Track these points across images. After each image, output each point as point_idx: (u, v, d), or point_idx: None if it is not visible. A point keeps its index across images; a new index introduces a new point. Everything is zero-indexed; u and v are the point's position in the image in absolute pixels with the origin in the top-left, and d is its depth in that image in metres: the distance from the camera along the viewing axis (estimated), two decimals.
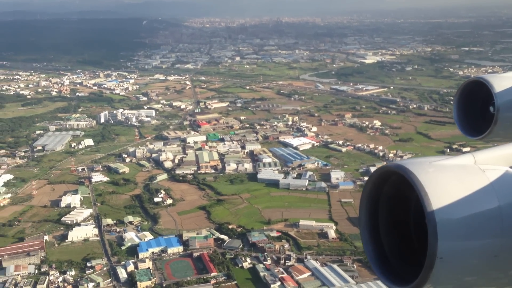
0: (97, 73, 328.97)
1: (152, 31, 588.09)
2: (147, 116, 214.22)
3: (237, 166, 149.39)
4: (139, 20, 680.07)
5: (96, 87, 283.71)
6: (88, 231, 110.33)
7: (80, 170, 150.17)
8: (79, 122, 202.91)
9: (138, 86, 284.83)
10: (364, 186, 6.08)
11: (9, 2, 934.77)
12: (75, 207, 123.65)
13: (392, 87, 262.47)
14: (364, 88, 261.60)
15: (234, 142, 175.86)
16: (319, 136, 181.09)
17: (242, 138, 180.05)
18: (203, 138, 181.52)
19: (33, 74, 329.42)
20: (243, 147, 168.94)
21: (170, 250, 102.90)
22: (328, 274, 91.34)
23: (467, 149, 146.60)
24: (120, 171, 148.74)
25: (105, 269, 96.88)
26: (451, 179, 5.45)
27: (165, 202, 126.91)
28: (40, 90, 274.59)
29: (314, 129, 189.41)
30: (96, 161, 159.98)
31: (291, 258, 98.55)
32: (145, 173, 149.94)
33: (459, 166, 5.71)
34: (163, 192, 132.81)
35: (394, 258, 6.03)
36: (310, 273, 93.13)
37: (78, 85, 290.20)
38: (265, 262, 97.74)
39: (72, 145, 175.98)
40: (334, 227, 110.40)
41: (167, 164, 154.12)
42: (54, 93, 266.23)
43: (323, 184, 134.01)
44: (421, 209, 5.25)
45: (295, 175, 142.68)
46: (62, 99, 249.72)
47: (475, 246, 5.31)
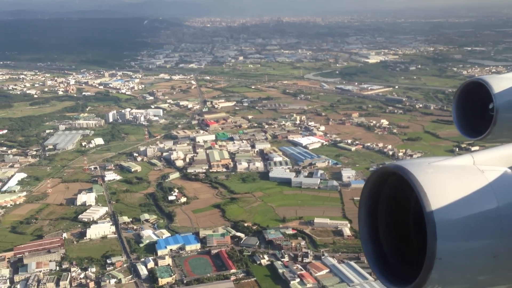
0: (101, 72, 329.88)
1: (153, 31, 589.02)
2: (155, 115, 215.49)
3: (248, 165, 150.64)
4: (140, 19, 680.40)
5: (102, 87, 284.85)
6: (105, 229, 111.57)
7: (92, 169, 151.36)
8: (88, 121, 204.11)
9: (143, 86, 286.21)
10: (363, 186, 6.12)
11: (8, 2, 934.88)
12: (91, 205, 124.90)
13: (397, 87, 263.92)
14: (369, 87, 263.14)
15: (243, 141, 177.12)
16: (328, 135, 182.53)
17: (251, 137, 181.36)
18: (212, 137, 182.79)
19: (38, 73, 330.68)
20: (253, 146, 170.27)
21: (188, 248, 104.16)
22: (346, 271, 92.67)
23: (476, 148, 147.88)
24: (132, 170, 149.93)
25: (125, 266, 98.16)
26: (450, 180, 5.50)
27: (179, 200, 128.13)
28: (46, 89, 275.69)
29: (322, 128, 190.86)
30: (107, 160, 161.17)
31: (308, 255, 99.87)
32: (157, 171, 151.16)
33: (458, 166, 5.75)
34: (177, 190, 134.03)
35: (393, 258, 6.05)
36: (328, 270, 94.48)
37: (83, 84, 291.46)
38: (282, 259, 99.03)
39: (82, 144, 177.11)
40: (348, 225, 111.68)
41: (179, 163, 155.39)
42: (61, 92, 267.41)
43: (335, 182, 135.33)
44: (420, 209, 5.26)
45: (306, 174, 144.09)
46: (69, 99, 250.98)
47: (474, 246, 5.34)
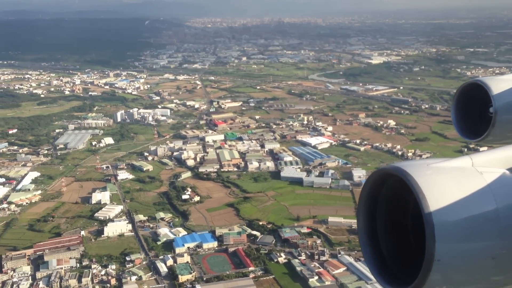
0: (106, 72, 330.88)
1: (155, 31, 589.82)
2: (163, 115, 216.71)
3: (259, 165, 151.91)
4: (141, 20, 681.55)
5: (107, 87, 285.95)
6: (122, 227, 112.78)
7: (104, 168, 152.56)
8: (97, 121, 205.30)
9: (149, 86, 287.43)
10: (362, 188, 6.14)
11: (8, 2, 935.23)
12: (106, 204, 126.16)
13: (401, 88, 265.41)
14: (374, 88, 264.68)
15: (252, 141, 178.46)
16: (336, 135, 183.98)
17: (260, 137, 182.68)
18: (221, 137, 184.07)
19: (42, 73, 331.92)
20: (262, 146, 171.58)
21: (205, 245, 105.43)
22: (363, 269, 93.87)
23: (484, 149, 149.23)
24: (144, 169, 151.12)
25: (144, 263, 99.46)
26: (449, 181, 5.51)
27: (192, 199, 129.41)
28: (52, 89, 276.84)
29: (330, 128, 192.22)
30: (118, 159, 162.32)
31: (325, 253, 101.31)
32: (168, 171, 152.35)
33: (457, 168, 5.76)
34: (190, 189, 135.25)
35: (392, 260, 6.05)
36: (345, 268, 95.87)
37: (89, 84, 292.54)
38: (299, 258, 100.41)
39: (92, 143, 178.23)
40: None
41: (190, 162, 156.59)
42: (67, 92, 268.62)
43: (346, 182, 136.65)
44: (419, 211, 5.28)
45: (317, 174, 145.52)
46: (76, 98, 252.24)
47: (473, 248, 5.35)
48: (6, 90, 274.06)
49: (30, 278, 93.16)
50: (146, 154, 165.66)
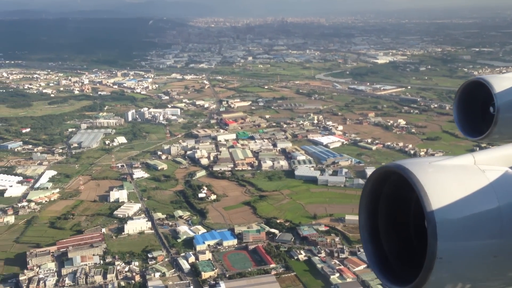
0: (113, 72, 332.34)
1: (159, 31, 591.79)
2: (173, 114, 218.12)
3: (273, 163, 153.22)
4: (144, 19, 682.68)
5: (116, 86, 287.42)
6: (142, 225, 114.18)
7: (119, 167, 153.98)
8: (108, 120, 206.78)
9: (157, 85, 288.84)
10: (363, 186, 6.14)
11: (10, 2, 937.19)
12: (124, 202, 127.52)
13: (409, 87, 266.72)
14: (382, 87, 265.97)
15: (264, 140, 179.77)
16: (347, 134, 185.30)
17: (272, 136, 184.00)
18: (233, 136, 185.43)
19: (50, 73, 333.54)
20: (275, 145, 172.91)
21: (225, 243, 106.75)
22: None
23: None
24: (159, 168, 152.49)
25: (166, 260, 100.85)
26: (451, 179, 5.50)
27: (209, 198, 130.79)
28: (61, 89, 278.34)
29: (340, 127, 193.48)
30: (133, 158, 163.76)
31: (344, 251, 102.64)
32: (182, 169, 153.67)
33: (459, 166, 5.76)
34: (205, 188, 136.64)
35: (394, 258, 6.02)
36: (366, 265, 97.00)
37: (97, 84, 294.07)
38: (319, 255, 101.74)
39: (105, 142, 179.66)
40: None
41: (204, 161, 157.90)
42: (76, 92, 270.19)
43: (361, 180, 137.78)
44: (420, 209, 5.28)
45: (331, 172, 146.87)
46: (86, 98, 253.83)
47: (475, 246, 5.34)
48: (16, 89, 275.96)
49: (55, 274, 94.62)
50: (159, 153, 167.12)
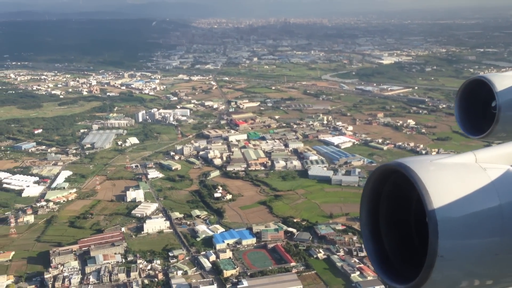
0: (120, 73, 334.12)
1: (163, 32, 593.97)
2: (183, 115, 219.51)
3: (285, 163, 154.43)
4: (147, 20, 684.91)
5: (124, 87, 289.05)
6: (161, 224, 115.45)
7: (134, 167, 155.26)
8: (119, 121, 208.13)
9: (165, 86, 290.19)
10: (365, 184, 6.15)
11: (12, 3, 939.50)
12: (140, 202, 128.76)
13: (416, 87, 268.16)
14: (389, 88, 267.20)
15: (276, 140, 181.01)
16: (357, 134, 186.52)
17: (283, 137, 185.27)
18: (244, 136, 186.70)
19: (58, 74, 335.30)
20: (286, 145, 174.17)
21: (244, 242, 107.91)
22: None
23: None
24: (173, 168, 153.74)
25: (187, 258, 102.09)
26: (452, 178, 5.49)
27: (225, 197, 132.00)
28: (70, 90, 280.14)
29: (350, 128, 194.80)
30: (146, 158, 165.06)
31: (363, 249, 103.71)
32: (196, 170, 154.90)
33: (460, 164, 5.74)
34: (221, 188, 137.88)
35: (395, 256, 6.05)
36: None
37: (105, 85, 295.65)
38: (338, 254, 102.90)
39: (118, 143, 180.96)
40: None
41: (217, 161, 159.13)
42: (85, 93, 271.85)
43: None
44: (422, 207, 5.28)
45: (344, 172, 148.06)
46: (95, 99, 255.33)
47: (476, 244, 5.34)
48: (25, 91, 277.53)
49: (79, 272, 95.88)
50: (172, 153, 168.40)
